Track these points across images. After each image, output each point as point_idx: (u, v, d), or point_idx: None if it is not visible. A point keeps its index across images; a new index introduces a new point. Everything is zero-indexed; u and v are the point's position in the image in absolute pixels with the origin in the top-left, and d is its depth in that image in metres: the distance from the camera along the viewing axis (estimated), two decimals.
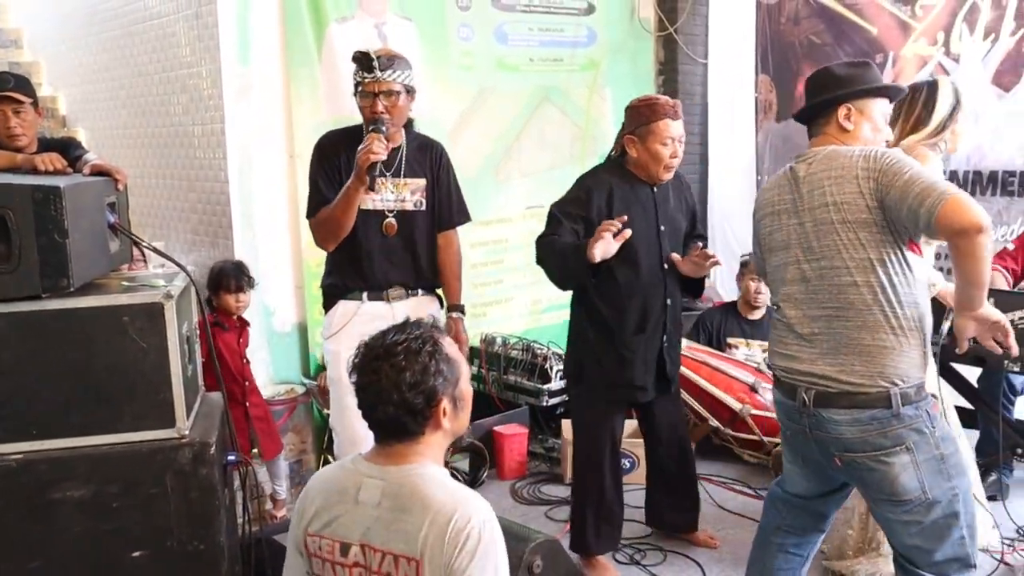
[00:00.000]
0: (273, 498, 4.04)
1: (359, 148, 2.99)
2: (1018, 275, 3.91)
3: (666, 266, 3.29)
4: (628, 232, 3.06)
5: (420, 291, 3.35)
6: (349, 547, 1.80)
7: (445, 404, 1.83)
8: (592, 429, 3.37)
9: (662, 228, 3.29)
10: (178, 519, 2.47)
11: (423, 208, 3.29)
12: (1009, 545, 3.58)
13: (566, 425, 4.44)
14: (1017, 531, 3.70)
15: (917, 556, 2.43)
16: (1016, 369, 3.53)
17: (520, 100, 5.19)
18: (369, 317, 3.24)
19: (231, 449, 2.89)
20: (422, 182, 3.27)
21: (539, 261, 3.29)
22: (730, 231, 6.03)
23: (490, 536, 1.74)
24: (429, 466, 1.82)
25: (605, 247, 3.00)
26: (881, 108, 2.52)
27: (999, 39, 4.66)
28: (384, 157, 3.03)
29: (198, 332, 2.91)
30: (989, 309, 2.37)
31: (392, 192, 3.22)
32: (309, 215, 3.23)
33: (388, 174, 3.21)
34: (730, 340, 4.78)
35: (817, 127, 2.53)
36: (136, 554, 2.43)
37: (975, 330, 2.39)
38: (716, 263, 3.27)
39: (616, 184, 3.25)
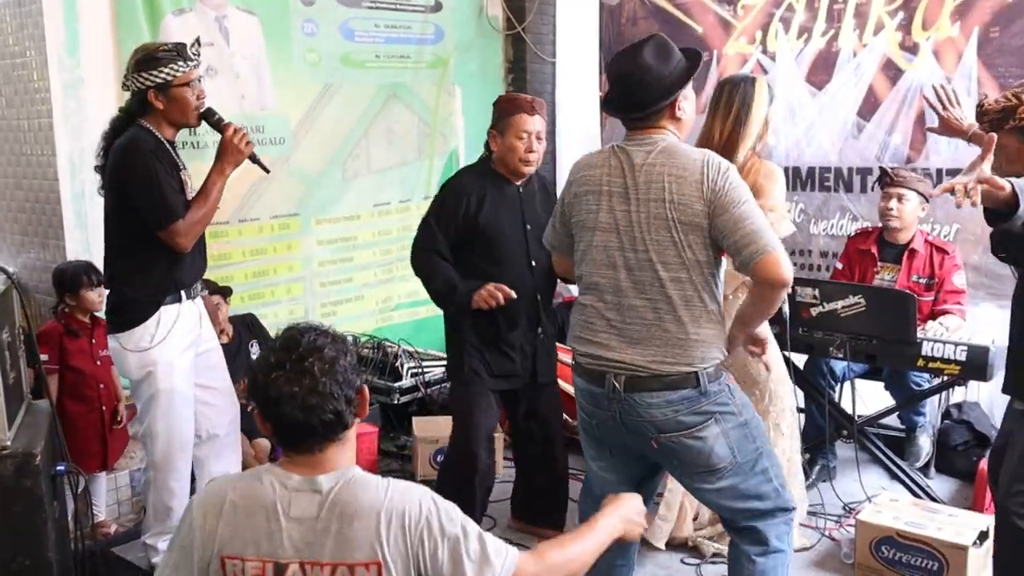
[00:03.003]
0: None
1: (239, 134, 3.12)
2: None
3: (533, 263, 3.38)
4: (513, 294, 3.26)
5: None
6: (285, 567, 1.68)
7: (365, 388, 1.79)
8: (472, 420, 3.42)
9: (528, 227, 3.37)
10: (0, 535, 2.35)
11: None
12: (836, 521, 3.80)
13: (417, 423, 4.45)
14: (844, 508, 3.93)
15: (743, 516, 2.58)
16: (840, 355, 3.76)
17: (367, 97, 5.15)
18: (188, 318, 3.23)
19: (61, 459, 2.77)
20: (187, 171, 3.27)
21: (418, 274, 3.43)
22: None
23: (441, 504, 1.74)
24: (354, 469, 1.76)
25: (486, 302, 3.24)
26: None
27: (811, 39, 4.91)
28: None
29: (21, 336, 2.77)
30: (764, 329, 2.72)
31: (191, 183, 3.20)
32: (173, 220, 3.04)
33: (187, 167, 3.22)
34: None
35: (645, 118, 2.49)
36: None
37: (744, 342, 2.66)
38: None
39: (481, 185, 3.35)
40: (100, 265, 3.79)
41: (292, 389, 1.68)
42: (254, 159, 3.22)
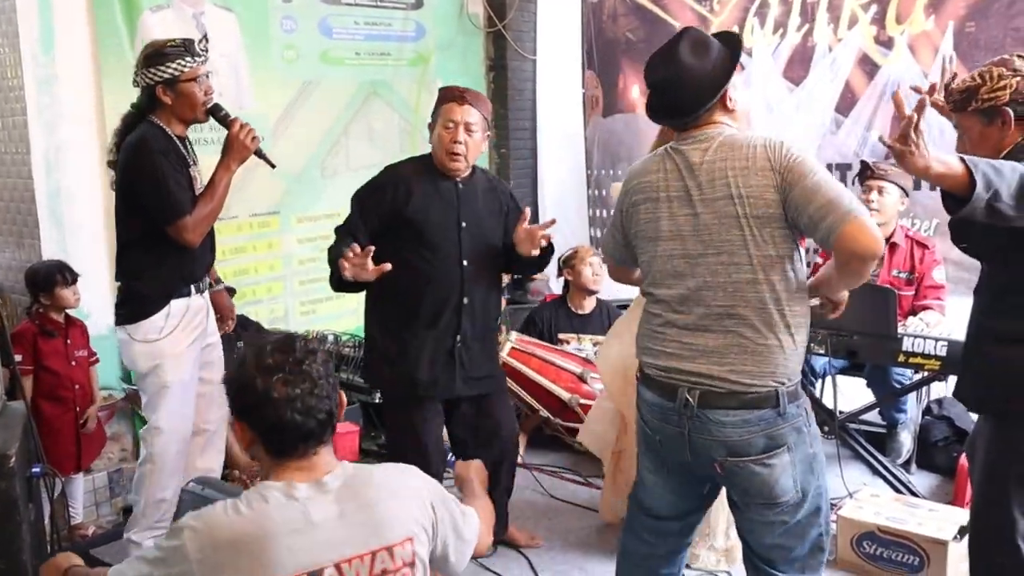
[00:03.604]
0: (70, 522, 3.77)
1: (245, 129, 3.12)
2: None
3: (465, 263, 3.22)
4: (387, 266, 3.00)
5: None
6: (321, 572, 1.67)
7: (343, 394, 1.84)
8: (395, 429, 3.36)
9: (463, 224, 3.23)
10: None
11: None
12: None
13: None
14: None
15: (776, 555, 2.38)
16: (821, 351, 3.76)
17: (347, 94, 5.13)
18: (197, 311, 3.26)
19: (37, 461, 2.74)
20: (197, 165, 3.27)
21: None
22: (564, 224, 6.13)
23: (435, 483, 1.91)
24: (347, 464, 1.79)
25: (355, 272, 3.00)
26: None
27: (787, 34, 4.92)
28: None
29: None
30: (843, 294, 2.43)
31: (201, 180, 3.22)
32: (180, 216, 3.05)
33: (195, 162, 3.22)
34: (561, 336, 4.85)
35: (696, 119, 2.33)
36: None
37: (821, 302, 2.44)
38: (545, 235, 3.16)
39: (416, 177, 3.23)
40: (73, 263, 3.79)
41: (294, 391, 1.69)
42: (260, 154, 3.24)
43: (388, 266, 3.01)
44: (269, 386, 1.68)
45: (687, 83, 2.29)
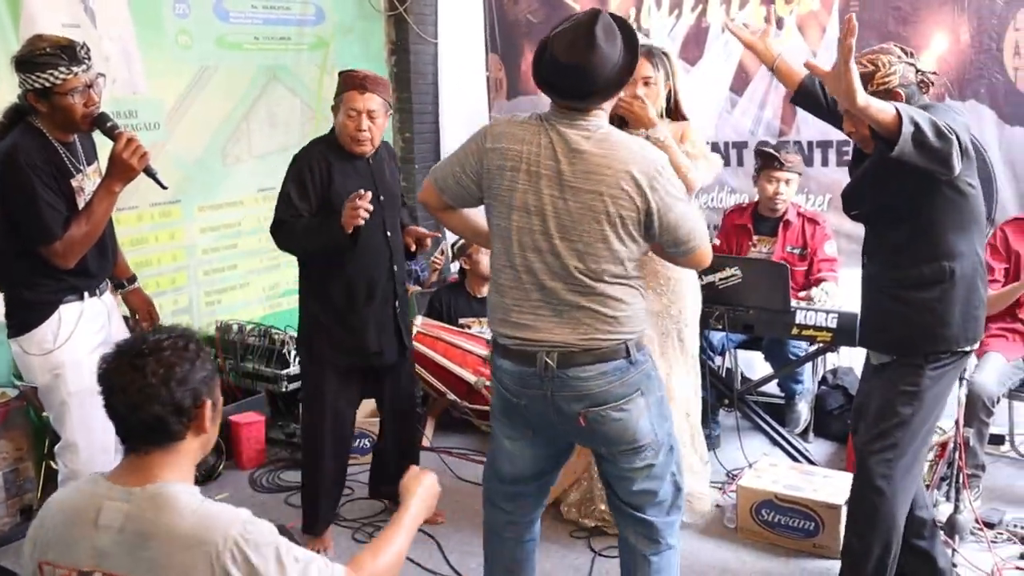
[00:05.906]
0: None
1: (132, 145, 2.87)
2: None
3: (389, 234, 3.38)
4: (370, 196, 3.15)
5: (109, 281, 3.25)
6: (89, 575, 1.66)
7: (209, 405, 1.76)
8: (319, 402, 3.42)
9: (381, 198, 3.35)
10: None
11: None
12: (719, 488, 3.90)
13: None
14: (727, 475, 4.05)
15: (643, 500, 2.54)
16: (719, 327, 3.86)
17: (246, 79, 5.03)
18: (94, 315, 3.08)
19: None
20: (95, 164, 3.13)
21: (288, 247, 3.37)
22: None
23: (254, 539, 1.62)
24: (175, 484, 1.69)
25: (353, 219, 3.10)
26: None
27: (682, 15, 4.99)
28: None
29: None
30: None
31: (94, 181, 3.04)
32: (48, 241, 2.87)
33: (87, 166, 3.06)
34: (462, 321, 4.86)
35: (590, 104, 2.39)
36: None
37: None
38: (428, 239, 3.49)
39: (329, 158, 3.30)
40: None
41: (121, 382, 1.69)
42: (150, 173, 2.99)
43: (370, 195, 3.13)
44: (103, 371, 1.72)
45: (602, 72, 2.33)
